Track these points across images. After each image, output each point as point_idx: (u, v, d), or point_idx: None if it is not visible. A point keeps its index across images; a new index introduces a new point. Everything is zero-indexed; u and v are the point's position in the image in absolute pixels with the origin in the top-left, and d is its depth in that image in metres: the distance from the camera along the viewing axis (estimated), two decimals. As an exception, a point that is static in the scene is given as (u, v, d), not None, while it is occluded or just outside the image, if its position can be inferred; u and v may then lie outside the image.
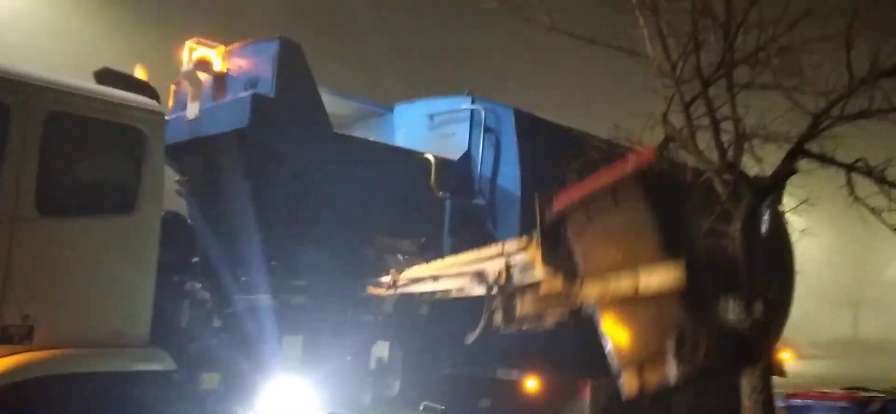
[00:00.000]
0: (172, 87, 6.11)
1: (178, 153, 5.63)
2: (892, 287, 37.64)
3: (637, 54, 5.71)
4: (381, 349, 5.40)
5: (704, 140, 5.63)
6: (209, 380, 4.56)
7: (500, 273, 4.61)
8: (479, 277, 4.71)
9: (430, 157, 6.08)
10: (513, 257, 4.59)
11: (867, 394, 6.38)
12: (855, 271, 37.65)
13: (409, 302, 5.44)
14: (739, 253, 5.39)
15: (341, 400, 5.23)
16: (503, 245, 4.76)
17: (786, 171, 5.46)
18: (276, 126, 5.15)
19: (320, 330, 5.19)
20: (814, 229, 7.60)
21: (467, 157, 6.44)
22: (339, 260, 5.33)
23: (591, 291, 4.04)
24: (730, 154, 5.45)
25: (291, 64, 5.30)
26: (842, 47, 5.24)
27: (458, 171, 6.33)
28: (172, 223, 4.85)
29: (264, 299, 4.93)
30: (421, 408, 3.91)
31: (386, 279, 5.25)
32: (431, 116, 6.83)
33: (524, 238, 4.63)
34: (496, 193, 6.41)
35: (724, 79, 5.50)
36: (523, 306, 4.42)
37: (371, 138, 6.63)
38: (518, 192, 6.32)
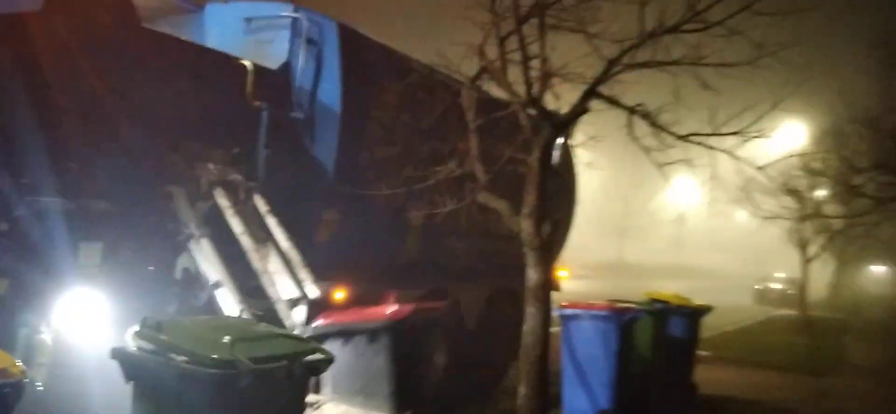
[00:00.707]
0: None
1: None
2: (653, 218, 43.13)
3: None
4: (187, 260, 5.25)
5: (514, 75, 6.10)
6: (-7, 287, 4.19)
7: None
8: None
9: (247, 63, 5.87)
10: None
11: (625, 305, 7.20)
12: (625, 203, 42.55)
13: (219, 214, 5.33)
14: (535, 179, 5.94)
15: (144, 310, 5.04)
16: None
17: (581, 109, 6.03)
18: (73, 12, 4.67)
19: (121, 238, 4.92)
20: (597, 163, 8.60)
21: (286, 67, 6.30)
22: (142, 165, 5.05)
23: None
24: (535, 90, 5.93)
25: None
26: (638, 2, 5.83)
27: (275, 82, 6.19)
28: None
29: (57, 203, 4.55)
30: (238, 313, 3.91)
31: (191, 188, 5.11)
32: (248, 20, 6.54)
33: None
34: (315, 108, 6.37)
35: (537, 19, 5.89)
36: None
37: (187, 37, 6.24)
38: (338, 110, 6.35)
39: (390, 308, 4.20)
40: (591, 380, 6.86)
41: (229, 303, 4.96)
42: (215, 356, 3.11)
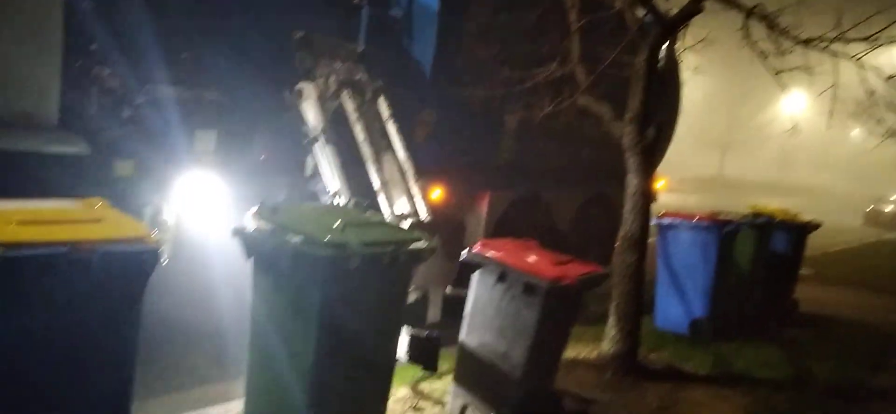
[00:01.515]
0: None
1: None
2: (758, 132, 40.94)
3: None
4: (312, 158, 5.43)
5: None
6: (122, 167, 4.54)
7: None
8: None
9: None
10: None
11: (726, 217, 7.03)
12: (729, 115, 40.51)
13: (342, 117, 5.44)
14: (640, 83, 5.76)
15: (254, 196, 5.34)
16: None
17: (694, 8, 5.72)
18: None
19: (234, 127, 5.18)
20: (704, 69, 8.19)
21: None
22: (254, 57, 5.24)
23: None
24: None
25: None
26: None
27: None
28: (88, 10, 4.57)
29: (175, 91, 4.83)
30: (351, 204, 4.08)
31: (317, 86, 5.23)
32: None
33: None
34: (414, 6, 6.37)
35: None
36: None
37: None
38: (436, 7, 6.32)
39: (553, 268, 4.28)
40: (686, 289, 6.84)
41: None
42: (327, 238, 3.28)
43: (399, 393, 4.96)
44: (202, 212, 4.93)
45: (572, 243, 8.21)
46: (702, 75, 8.62)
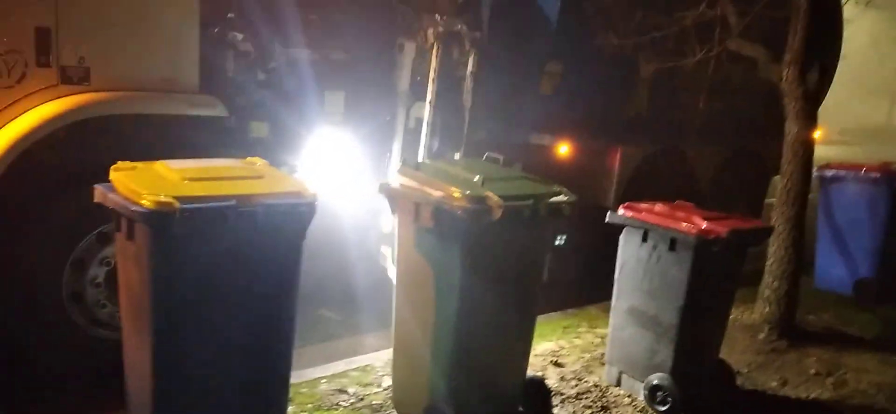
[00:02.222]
0: None
1: None
2: (936, 77, 36.47)
3: None
4: (420, 110, 5.49)
5: None
6: (258, 128, 4.74)
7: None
8: None
9: None
10: None
11: None
12: (899, 60, 36.39)
13: (449, 68, 5.44)
14: (803, 20, 5.29)
15: (382, 154, 5.45)
16: None
17: None
18: None
19: (360, 87, 5.27)
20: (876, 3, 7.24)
21: None
22: (374, 17, 5.28)
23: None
24: None
25: None
26: None
27: None
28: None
29: (305, 54, 4.97)
30: (484, 157, 4.13)
31: (416, 41, 5.24)
32: None
33: None
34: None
35: None
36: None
37: None
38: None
39: (702, 222, 4.08)
40: (851, 247, 6.47)
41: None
42: (468, 192, 3.32)
43: (539, 348, 4.93)
44: (334, 170, 5.08)
45: (715, 203, 7.72)
46: (869, 12, 7.72)
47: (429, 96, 5.25)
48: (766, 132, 7.03)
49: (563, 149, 6.39)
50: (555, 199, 3.61)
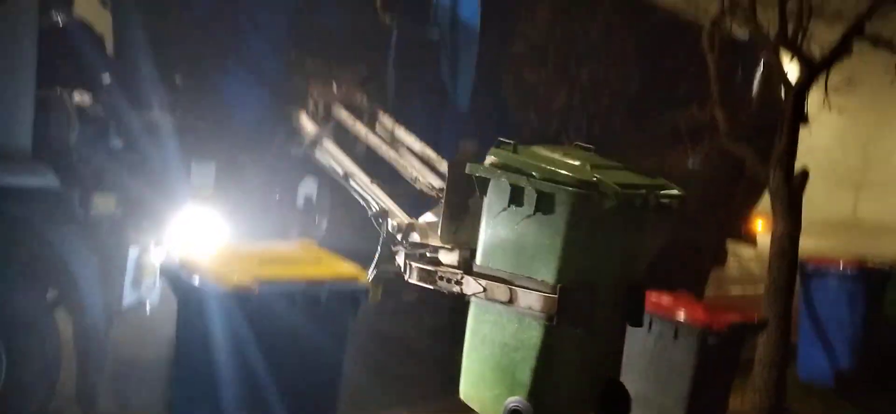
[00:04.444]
0: None
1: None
2: (897, 172, 37.12)
3: None
4: (309, 186, 4.97)
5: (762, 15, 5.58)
6: (103, 203, 4.16)
7: (401, 225, 4.22)
8: (383, 214, 4.35)
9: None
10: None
11: (875, 264, 6.71)
12: (864, 154, 36.96)
13: (342, 135, 4.97)
14: (788, 126, 5.50)
15: (262, 233, 4.87)
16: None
17: (842, 50, 5.42)
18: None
19: (238, 159, 4.75)
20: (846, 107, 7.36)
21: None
22: (261, 83, 4.81)
23: (471, 286, 3.60)
24: (790, 30, 5.47)
25: None
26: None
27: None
28: (72, 32, 4.34)
29: (171, 119, 4.45)
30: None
31: (311, 109, 4.78)
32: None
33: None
34: (454, 26, 5.77)
35: None
36: (412, 275, 3.99)
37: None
38: (477, 26, 5.70)
39: (705, 314, 4.30)
40: (832, 340, 6.62)
41: (362, 185, 4.57)
42: (578, 176, 3.27)
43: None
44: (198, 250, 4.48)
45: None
46: (833, 109, 7.76)
47: (324, 144, 4.77)
48: (702, 224, 6.73)
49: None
50: (666, 191, 3.55)
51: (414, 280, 3.99)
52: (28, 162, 3.80)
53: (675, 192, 3.56)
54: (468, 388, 3.65)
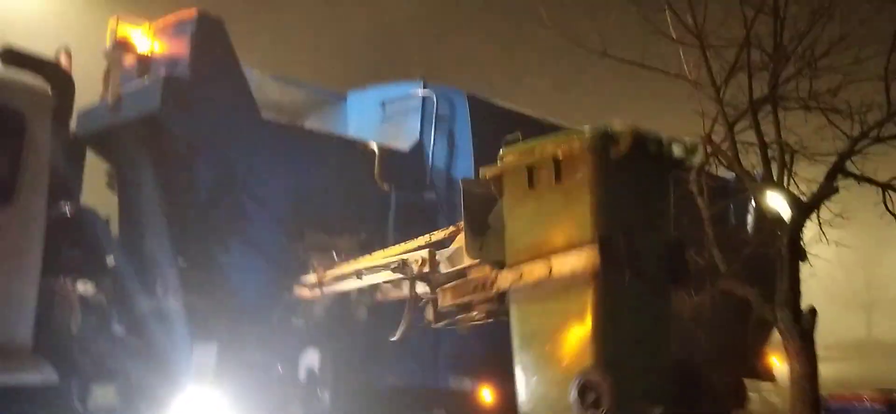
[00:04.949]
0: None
1: (103, 142, 5.21)
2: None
3: (687, 80, 5.71)
4: (311, 357, 4.90)
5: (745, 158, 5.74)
6: (103, 394, 4.08)
7: (423, 261, 4.16)
8: (402, 267, 4.25)
9: (373, 146, 5.58)
10: (439, 246, 4.20)
11: None
12: (867, 273, 36.73)
13: (344, 305, 4.95)
14: (787, 266, 5.43)
15: (265, 410, 4.75)
16: (430, 235, 4.31)
17: (829, 189, 5.51)
18: (192, 111, 4.69)
19: (239, 336, 4.71)
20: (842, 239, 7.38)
21: (419, 147, 5.95)
22: (263, 258, 4.86)
23: (506, 278, 3.56)
24: (775, 173, 5.57)
25: (210, 43, 4.84)
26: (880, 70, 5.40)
27: (407, 163, 5.84)
28: (80, 220, 4.43)
29: (174, 302, 4.45)
30: None
31: (311, 278, 4.78)
32: (383, 104, 6.34)
33: (451, 226, 4.19)
34: (450, 187, 5.91)
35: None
36: (446, 297, 3.95)
37: (322, 127, 6.18)
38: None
39: None
40: None
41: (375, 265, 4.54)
42: (591, 130, 3.37)
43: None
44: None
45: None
46: (829, 233, 7.81)
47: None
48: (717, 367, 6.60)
49: (486, 394, 5.73)
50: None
51: (447, 303, 3.89)
52: (28, 358, 3.76)
53: (688, 141, 3.57)
54: (531, 396, 3.44)
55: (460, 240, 4.04)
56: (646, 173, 3.42)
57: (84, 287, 4.16)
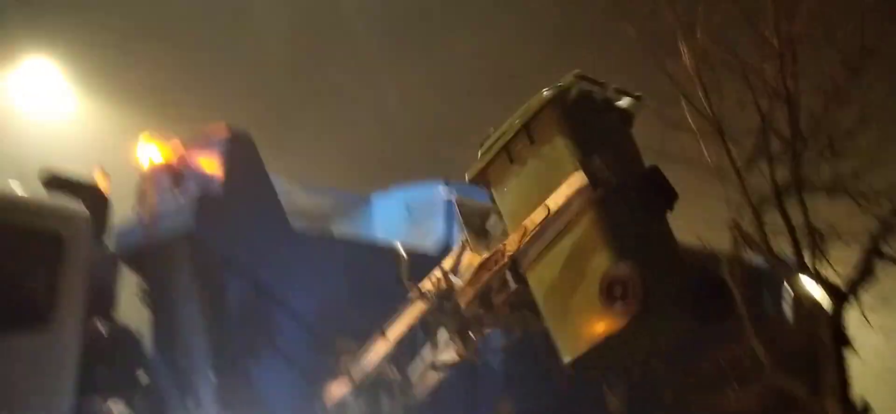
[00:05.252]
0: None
1: (138, 260, 5.31)
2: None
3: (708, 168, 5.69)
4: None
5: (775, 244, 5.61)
6: None
7: (438, 280, 4.47)
8: (421, 295, 4.55)
9: (400, 250, 5.62)
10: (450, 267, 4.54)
11: None
12: (917, 350, 35.25)
13: (384, 392, 4.89)
14: (832, 356, 5.29)
15: None
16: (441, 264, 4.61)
17: (865, 274, 5.34)
18: (226, 228, 4.79)
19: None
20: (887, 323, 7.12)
21: (445, 249, 5.97)
22: (294, 369, 4.85)
23: (513, 240, 3.90)
24: (808, 259, 5.43)
25: (241, 159, 4.99)
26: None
27: (434, 265, 5.85)
28: (115, 338, 4.49)
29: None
30: None
31: (343, 380, 4.76)
32: (408, 206, 6.42)
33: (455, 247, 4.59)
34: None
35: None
36: (465, 294, 4.23)
37: (349, 233, 6.25)
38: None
39: None
40: None
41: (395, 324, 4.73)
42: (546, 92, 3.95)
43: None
44: None
45: None
46: (875, 315, 7.54)
47: None
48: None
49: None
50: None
51: (468, 298, 4.17)
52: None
53: (631, 93, 3.96)
54: (568, 340, 3.69)
55: (468, 256, 4.38)
56: (601, 116, 3.91)
57: (118, 406, 4.17)
